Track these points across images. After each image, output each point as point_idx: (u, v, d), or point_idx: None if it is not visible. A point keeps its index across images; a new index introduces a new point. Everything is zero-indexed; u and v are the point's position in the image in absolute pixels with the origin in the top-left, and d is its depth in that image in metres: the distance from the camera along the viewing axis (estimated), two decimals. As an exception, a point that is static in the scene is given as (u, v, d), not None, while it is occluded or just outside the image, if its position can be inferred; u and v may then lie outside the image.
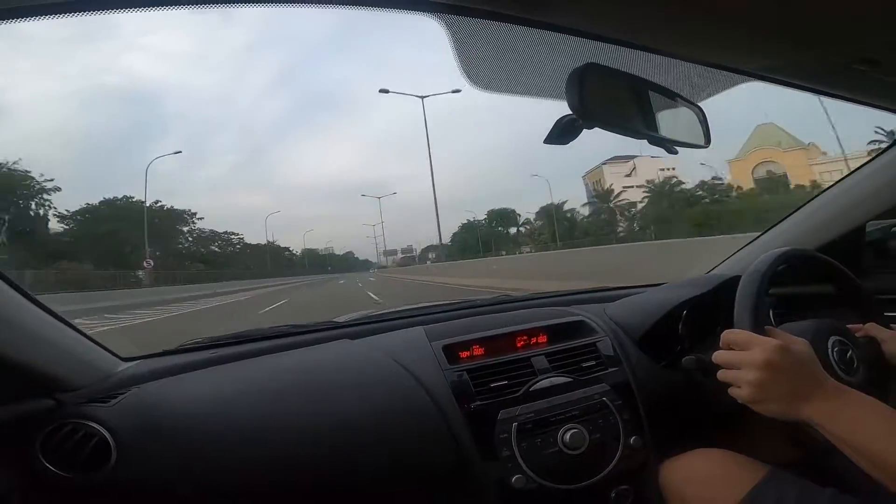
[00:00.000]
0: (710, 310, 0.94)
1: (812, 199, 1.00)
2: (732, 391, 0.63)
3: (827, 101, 0.73)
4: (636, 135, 0.58)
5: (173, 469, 0.71)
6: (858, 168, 0.93)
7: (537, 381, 0.85)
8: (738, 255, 1.12)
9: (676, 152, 0.62)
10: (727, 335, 0.65)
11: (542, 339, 0.96)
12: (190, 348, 0.98)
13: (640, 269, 6.80)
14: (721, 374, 0.65)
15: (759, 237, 1.09)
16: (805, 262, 0.81)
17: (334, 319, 1.18)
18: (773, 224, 1.06)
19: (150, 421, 0.73)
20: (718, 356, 0.65)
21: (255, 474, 0.72)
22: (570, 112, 0.64)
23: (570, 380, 0.86)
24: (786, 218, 1.03)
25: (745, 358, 0.61)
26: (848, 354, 0.72)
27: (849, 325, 0.77)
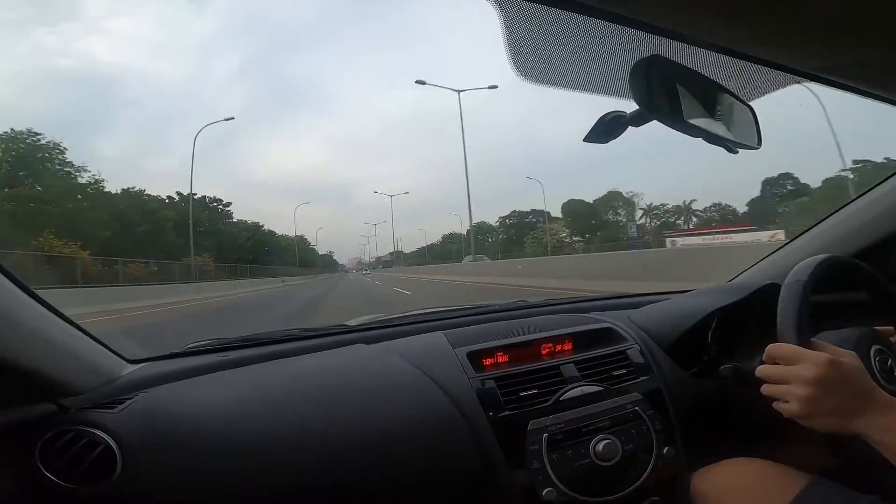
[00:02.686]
0: (741, 318, 0.91)
1: (845, 205, 0.98)
2: (779, 406, 0.61)
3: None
4: (695, 131, 0.55)
5: (183, 479, 0.66)
6: (892, 175, 0.91)
7: (568, 390, 0.81)
8: (769, 261, 1.09)
9: (737, 152, 0.59)
10: (773, 349, 0.63)
11: (568, 346, 0.93)
12: (198, 350, 0.93)
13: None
14: (767, 389, 0.63)
15: (789, 243, 1.07)
16: (843, 270, 0.79)
17: (346, 323, 1.14)
18: (805, 229, 1.04)
19: (158, 428, 0.68)
20: (764, 371, 0.64)
21: (271, 484, 0.68)
22: (614, 110, 0.63)
23: (601, 389, 0.83)
24: (818, 224, 1.01)
25: (793, 373, 0.60)
26: (888, 363, 0.71)
27: (880, 329, 0.76)
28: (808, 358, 0.59)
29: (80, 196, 25.51)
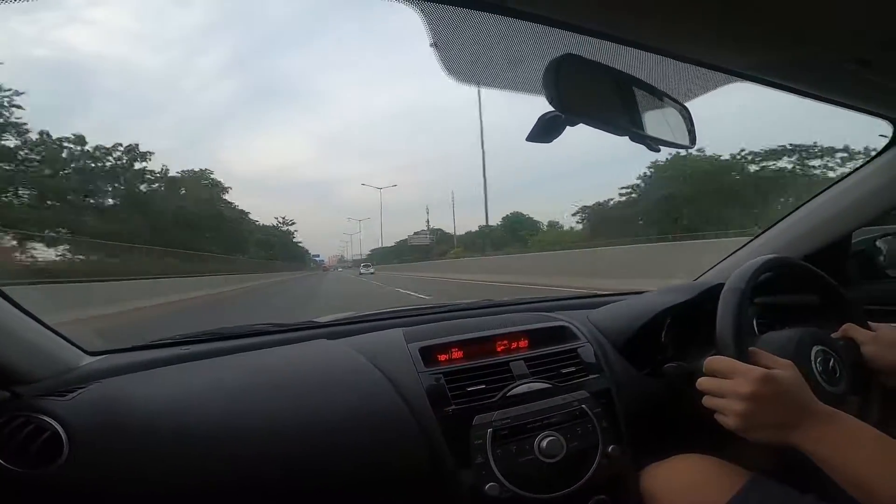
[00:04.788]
0: (693, 318, 0.92)
1: (800, 206, 0.98)
2: (719, 418, 0.63)
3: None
4: (618, 131, 0.56)
5: (132, 467, 0.68)
6: (846, 176, 0.92)
7: (515, 387, 0.82)
8: (726, 263, 1.10)
9: (659, 150, 0.60)
10: (711, 363, 0.65)
11: (524, 343, 0.94)
12: (161, 344, 0.95)
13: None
14: (707, 402, 0.64)
15: (746, 244, 1.08)
16: (787, 271, 0.80)
17: (315, 319, 1.16)
18: (761, 231, 1.04)
19: (109, 417, 0.70)
20: (703, 383, 0.65)
21: (219, 474, 0.69)
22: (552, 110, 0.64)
23: (548, 386, 0.84)
24: (774, 225, 1.02)
25: (730, 387, 0.61)
26: (831, 364, 0.71)
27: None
28: (743, 373, 0.60)
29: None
